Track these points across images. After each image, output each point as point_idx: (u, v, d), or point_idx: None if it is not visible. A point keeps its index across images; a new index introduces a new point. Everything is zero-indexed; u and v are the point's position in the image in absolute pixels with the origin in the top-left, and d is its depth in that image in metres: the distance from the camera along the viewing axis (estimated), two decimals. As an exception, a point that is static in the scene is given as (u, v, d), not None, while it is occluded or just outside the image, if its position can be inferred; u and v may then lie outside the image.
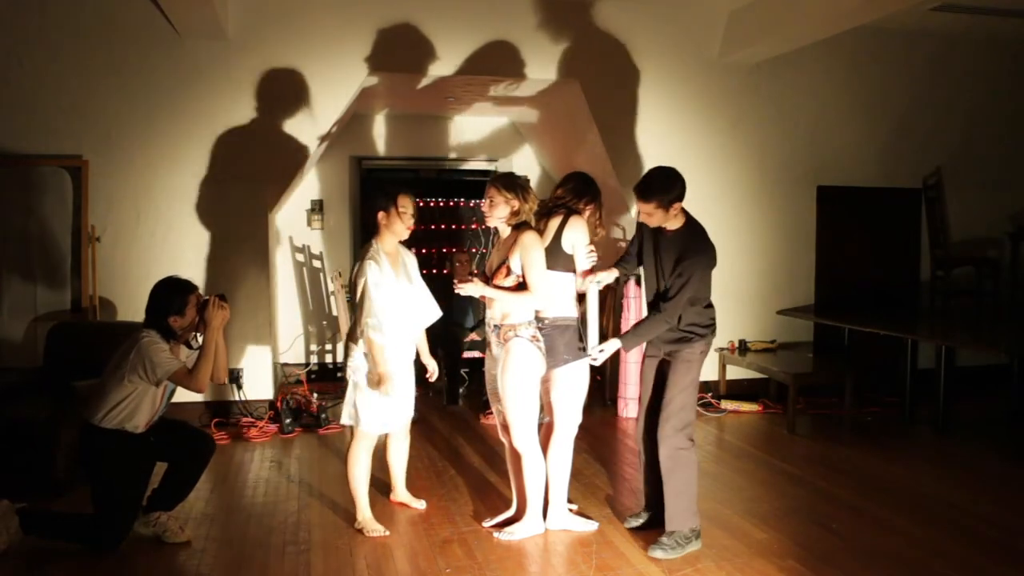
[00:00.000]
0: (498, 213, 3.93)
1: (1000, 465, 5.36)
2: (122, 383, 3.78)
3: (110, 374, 3.85)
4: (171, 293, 3.91)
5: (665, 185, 3.82)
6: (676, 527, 3.86)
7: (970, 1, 6.38)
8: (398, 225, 4.12)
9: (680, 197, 3.86)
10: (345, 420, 4.15)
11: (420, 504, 4.47)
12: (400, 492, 4.52)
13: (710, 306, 3.98)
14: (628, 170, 6.82)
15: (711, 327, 3.98)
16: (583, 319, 4.04)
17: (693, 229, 3.95)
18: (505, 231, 3.98)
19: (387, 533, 4.07)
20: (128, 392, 3.79)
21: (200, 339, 3.97)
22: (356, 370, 4.07)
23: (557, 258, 4.00)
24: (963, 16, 6.80)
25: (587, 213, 4.15)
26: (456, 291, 3.88)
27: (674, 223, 3.92)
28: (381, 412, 4.07)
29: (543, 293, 3.85)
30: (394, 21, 6.14)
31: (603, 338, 4.01)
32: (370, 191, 8.26)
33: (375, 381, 3.96)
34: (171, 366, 3.77)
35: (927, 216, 7.53)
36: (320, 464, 5.34)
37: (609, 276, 4.10)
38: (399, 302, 4.06)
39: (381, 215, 4.13)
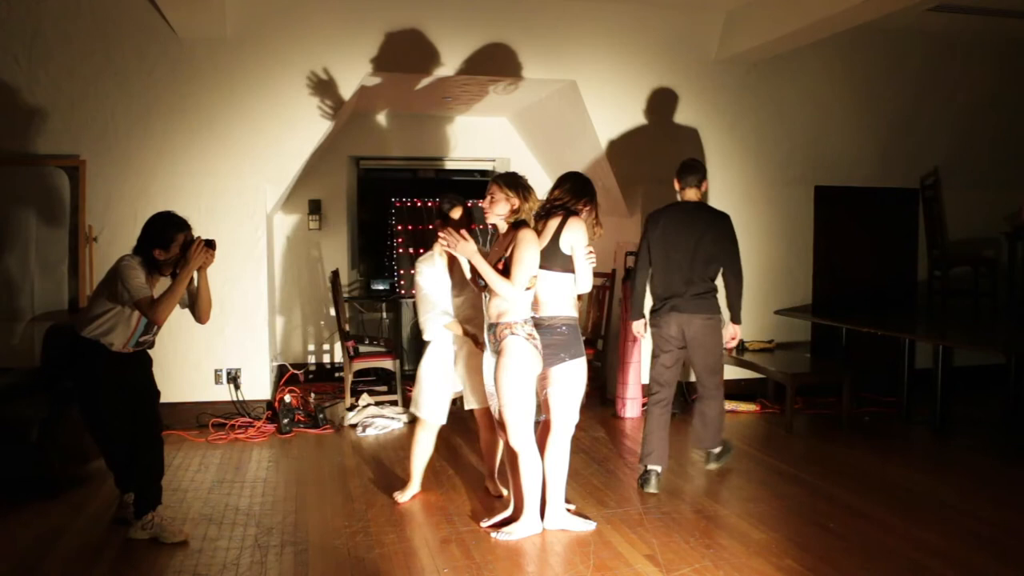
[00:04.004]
0: (498, 210, 3.95)
1: (998, 465, 5.37)
2: (100, 300, 3.97)
3: (95, 292, 4.09)
4: (161, 227, 3.99)
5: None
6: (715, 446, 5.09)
7: (967, 1, 6.38)
8: None
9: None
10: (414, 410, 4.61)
11: (502, 492, 4.61)
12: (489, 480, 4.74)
13: None
14: (625, 170, 6.83)
15: None
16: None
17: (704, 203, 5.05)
18: (503, 229, 3.99)
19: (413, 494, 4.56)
20: (105, 309, 3.95)
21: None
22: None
23: (555, 259, 4.01)
24: (960, 16, 6.80)
25: (584, 213, 4.17)
26: (442, 244, 3.93)
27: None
28: (442, 402, 4.51)
29: (520, 288, 3.84)
30: (392, 21, 6.13)
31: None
32: (367, 191, 8.29)
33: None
34: (138, 293, 3.87)
35: (924, 216, 7.54)
36: (318, 464, 5.34)
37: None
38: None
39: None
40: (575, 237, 4.05)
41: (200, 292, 4.11)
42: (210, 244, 3.96)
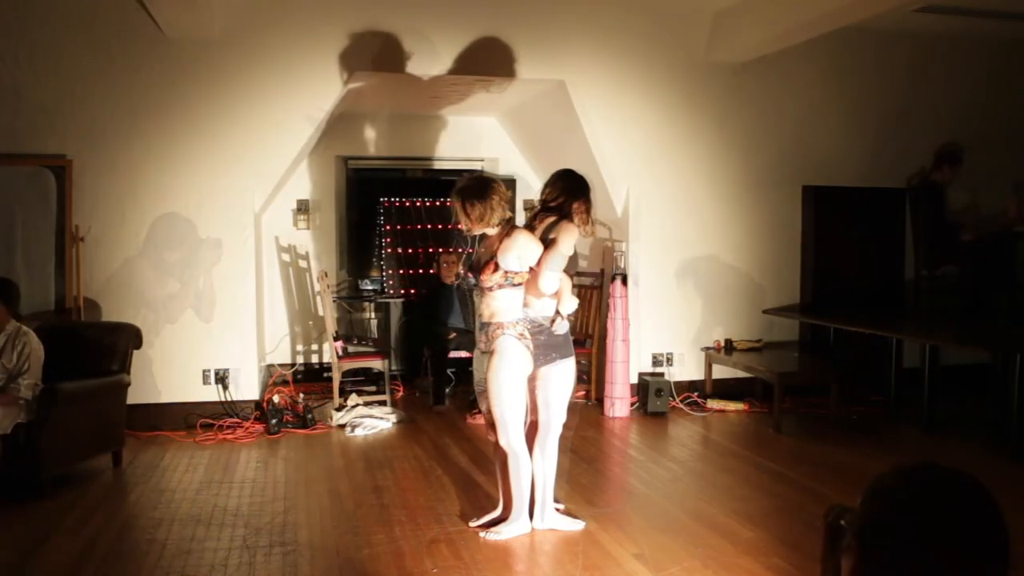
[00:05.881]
0: (473, 227, 3.93)
1: (985, 463, 5.37)
2: None
3: None
4: None
5: None
6: None
7: (953, 2, 6.42)
8: None
9: None
10: None
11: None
12: None
13: None
14: (614, 169, 6.84)
15: None
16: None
17: None
18: (492, 230, 3.97)
19: None
20: None
21: None
22: None
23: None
24: (948, 17, 6.83)
25: (579, 213, 4.14)
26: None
27: None
28: None
29: (554, 278, 3.88)
30: (382, 20, 6.12)
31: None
32: (356, 191, 8.26)
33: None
34: None
35: (913, 216, 7.55)
36: (306, 465, 5.33)
37: None
38: None
39: None
40: (567, 240, 4.04)
41: None
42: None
